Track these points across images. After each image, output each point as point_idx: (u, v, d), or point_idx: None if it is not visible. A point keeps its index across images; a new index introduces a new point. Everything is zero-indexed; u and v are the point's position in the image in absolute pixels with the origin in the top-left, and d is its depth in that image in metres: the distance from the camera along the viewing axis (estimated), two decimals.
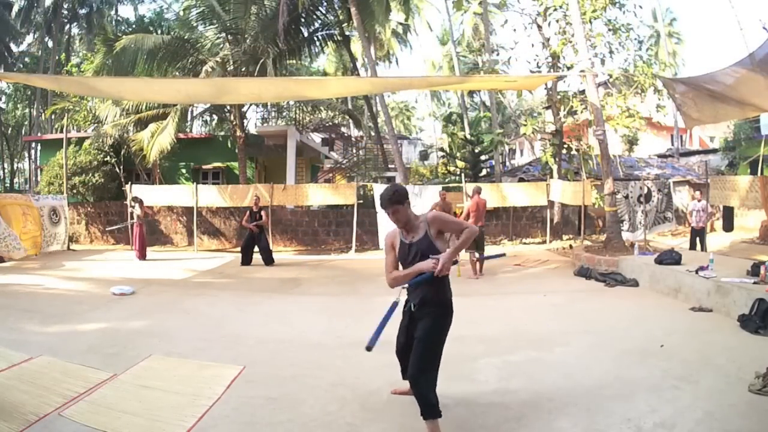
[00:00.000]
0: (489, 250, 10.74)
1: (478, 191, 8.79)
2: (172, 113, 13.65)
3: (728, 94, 7.62)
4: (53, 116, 21.54)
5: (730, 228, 12.05)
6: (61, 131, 15.42)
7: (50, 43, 27.89)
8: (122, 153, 15.01)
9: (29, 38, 29.94)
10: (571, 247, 12.16)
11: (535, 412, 3.13)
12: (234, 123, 15.28)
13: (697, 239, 10.30)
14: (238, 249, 11.01)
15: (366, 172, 18.42)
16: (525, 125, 14.73)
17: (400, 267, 2.97)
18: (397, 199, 2.85)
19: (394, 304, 2.93)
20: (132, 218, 11.10)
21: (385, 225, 12.20)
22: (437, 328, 2.88)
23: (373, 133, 21.96)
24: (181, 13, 15.73)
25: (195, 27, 15.08)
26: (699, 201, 10.36)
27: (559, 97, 13.86)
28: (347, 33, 17.83)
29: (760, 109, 8.27)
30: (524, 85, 11.71)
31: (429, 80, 15.09)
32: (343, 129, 24.01)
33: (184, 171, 17.14)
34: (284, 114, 19.05)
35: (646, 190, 10.93)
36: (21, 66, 28.90)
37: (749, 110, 8.49)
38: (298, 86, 9.96)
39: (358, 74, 20.56)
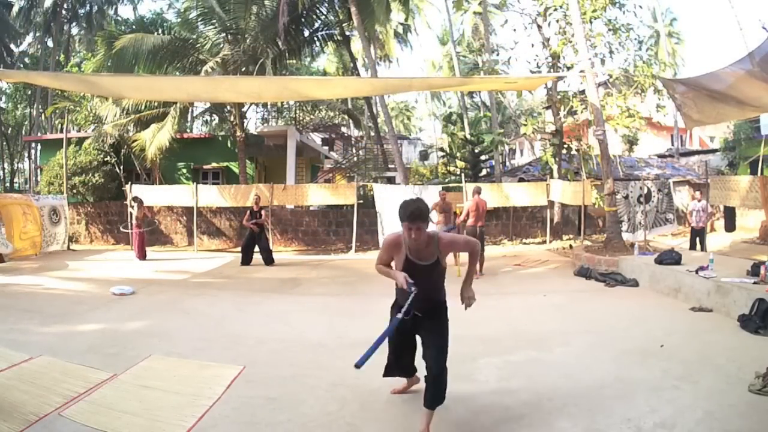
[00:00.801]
0: (489, 249, 10.73)
1: (477, 191, 8.80)
2: (171, 111, 13.65)
3: (728, 93, 7.61)
4: (53, 116, 21.54)
5: (732, 228, 12.05)
6: (61, 131, 15.42)
7: (50, 43, 27.90)
8: (122, 153, 15.02)
9: (29, 38, 29.97)
10: (571, 247, 12.16)
11: (535, 412, 3.13)
12: (234, 123, 15.28)
13: (697, 239, 10.31)
14: (239, 249, 11.01)
15: (366, 172, 18.42)
16: (525, 125, 14.74)
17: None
18: (424, 217, 2.78)
19: (396, 321, 2.89)
20: (132, 219, 11.10)
21: (386, 225, 12.20)
22: (447, 327, 3.11)
23: (373, 133, 21.96)
24: (182, 12, 15.70)
25: (195, 27, 15.08)
26: (699, 201, 10.37)
27: (559, 97, 13.86)
28: (347, 33, 17.84)
29: (760, 109, 8.27)
30: (524, 85, 11.70)
31: (429, 81, 15.09)
32: (343, 129, 24.01)
33: (184, 171, 17.15)
34: (284, 114, 19.05)
35: (646, 190, 10.93)
36: (21, 66, 28.90)
37: (749, 110, 8.50)
38: (298, 85, 9.96)
39: (359, 74, 20.56)
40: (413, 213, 2.73)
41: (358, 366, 2.52)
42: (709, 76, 7.58)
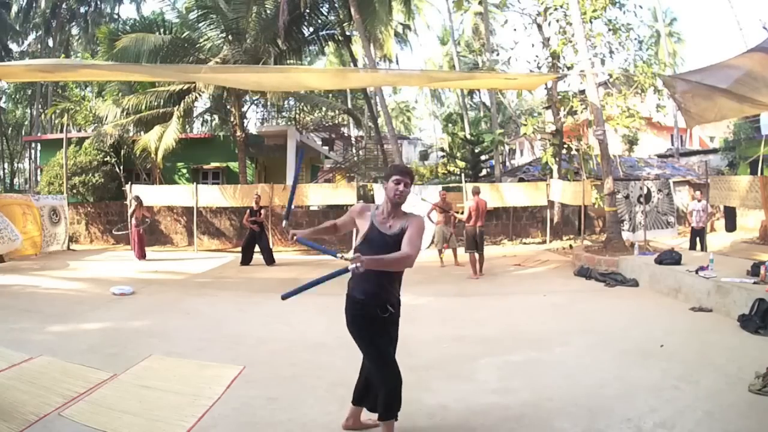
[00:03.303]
0: (489, 249, 10.72)
1: (477, 192, 8.82)
2: (176, 112, 13.63)
3: (730, 89, 7.57)
4: (53, 116, 21.54)
5: (732, 228, 12.02)
6: (61, 131, 15.42)
7: (50, 42, 27.90)
8: (122, 153, 15.01)
9: (29, 38, 29.96)
10: (571, 247, 12.16)
11: (535, 412, 3.13)
12: (234, 123, 15.27)
13: (697, 239, 10.30)
14: (239, 249, 11.00)
15: (366, 172, 18.41)
16: (525, 125, 14.72)
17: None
18: (412, 176, 2.74)
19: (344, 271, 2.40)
20: (130, 218, 11.11)
21: None
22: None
23: (373, 133, 21.96)
24: (183, 11, 15.67)
25: (197, 27, 15.06)
26: (699, 201, 10.37)
27: (559, 97, 13.86)
28: (348, 33, 17.83)
29: (763, 107, 8.22)
30: (524, 84, 11.70)
31: (429, 75, 15.06)
32: (344, 129, 23.98)
33: (184, 171, 17.14)
34: (284, 114, 19.05)
35: (646, 190, 10.92)
36: None
37: (748, 107, 8.44)
38: (299, 75, 9.94)
39: None
40: (404, 169, 2.71)
41: (284, 297, 2.42)
42: (713, 69, 7.51)
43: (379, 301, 2.64)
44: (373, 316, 2.64)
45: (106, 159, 15.07)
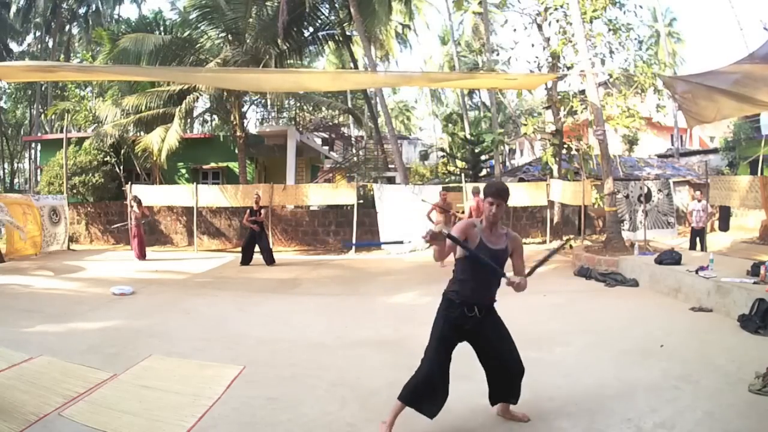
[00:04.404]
0: None
1: (477, 192, 8.81)
2: (177, 112, 13.64)
3: (730, 89, 7.57)
4: (53, 116, 21.55)
5: (726, 228, 12.01)
6: (61, 131, 15.41)
7: (50, 43, 27.90)
8: (122, 153, 15.01)
9: (29, 38, 29.99)
10: (571, 247, 12.15)
11: (535, 412, 3.13)
12: (234, 123, 15.28)
13: (697, 239, 10.31)
14: (239, 249, 11.01)
15: (366, 172, 18.42)
16: (525, 125, 14.71)
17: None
18: (506, 197, 2.96)
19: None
20: (131, 218, 11.12)
21: (386, 225, 12.19)
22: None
23: (373, 133, 21.97)
24: (182, 10, 15.67)
25: (197, 27, 15.06)
26: (699, 201, 10.37)
27: (559, 97, 13.85)
28: (348, 33, 17.84)
29: (760, 105, 8.22)
30: (524, 84, 11.70)
31: (429, 75, 15.10)
32: (344, 129, 23.99)
33: (183, 171, 17.15)
34: (284, 114, 19.05)
35: (646, 190, 10.91)
36: None
37: (748, 106, 8.43)
38: (300, 77, 9.95)
39: None
40: (499, 189, 2.95)
41: (348, 247, 2.94)
42: (713, 73, 7.53)
43: None
44: None
45: (106, 159, 15.07)
